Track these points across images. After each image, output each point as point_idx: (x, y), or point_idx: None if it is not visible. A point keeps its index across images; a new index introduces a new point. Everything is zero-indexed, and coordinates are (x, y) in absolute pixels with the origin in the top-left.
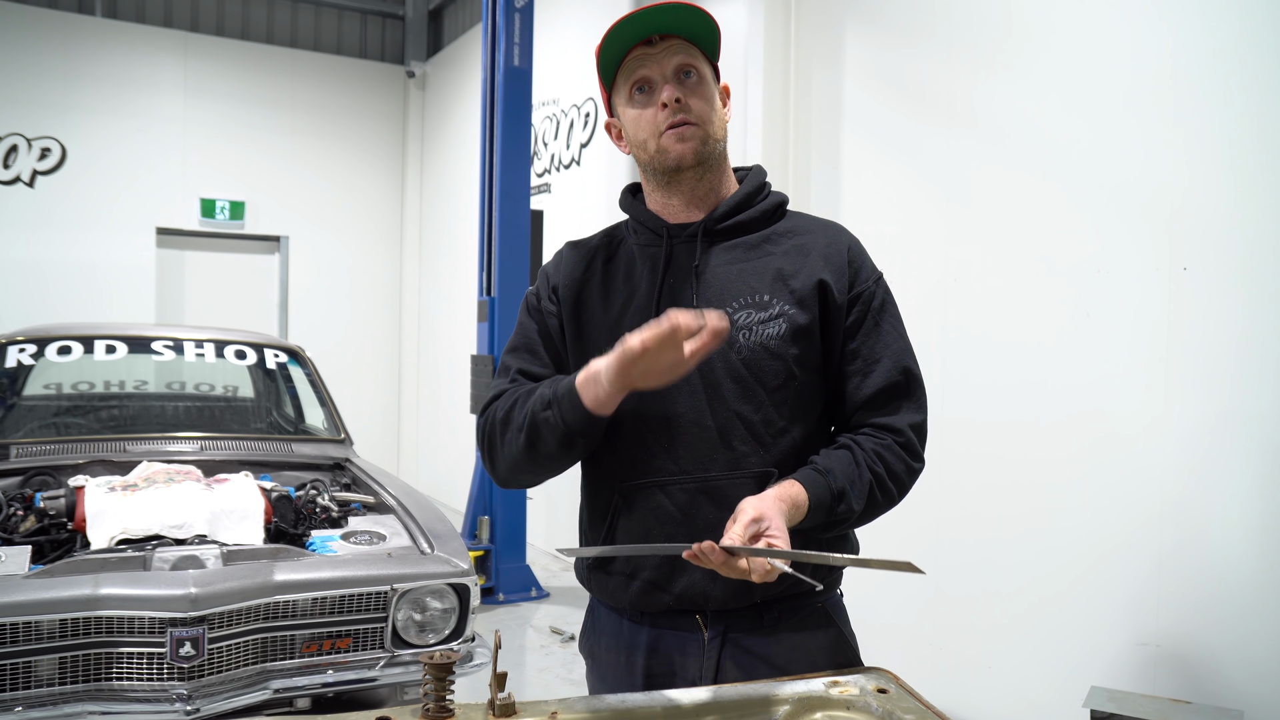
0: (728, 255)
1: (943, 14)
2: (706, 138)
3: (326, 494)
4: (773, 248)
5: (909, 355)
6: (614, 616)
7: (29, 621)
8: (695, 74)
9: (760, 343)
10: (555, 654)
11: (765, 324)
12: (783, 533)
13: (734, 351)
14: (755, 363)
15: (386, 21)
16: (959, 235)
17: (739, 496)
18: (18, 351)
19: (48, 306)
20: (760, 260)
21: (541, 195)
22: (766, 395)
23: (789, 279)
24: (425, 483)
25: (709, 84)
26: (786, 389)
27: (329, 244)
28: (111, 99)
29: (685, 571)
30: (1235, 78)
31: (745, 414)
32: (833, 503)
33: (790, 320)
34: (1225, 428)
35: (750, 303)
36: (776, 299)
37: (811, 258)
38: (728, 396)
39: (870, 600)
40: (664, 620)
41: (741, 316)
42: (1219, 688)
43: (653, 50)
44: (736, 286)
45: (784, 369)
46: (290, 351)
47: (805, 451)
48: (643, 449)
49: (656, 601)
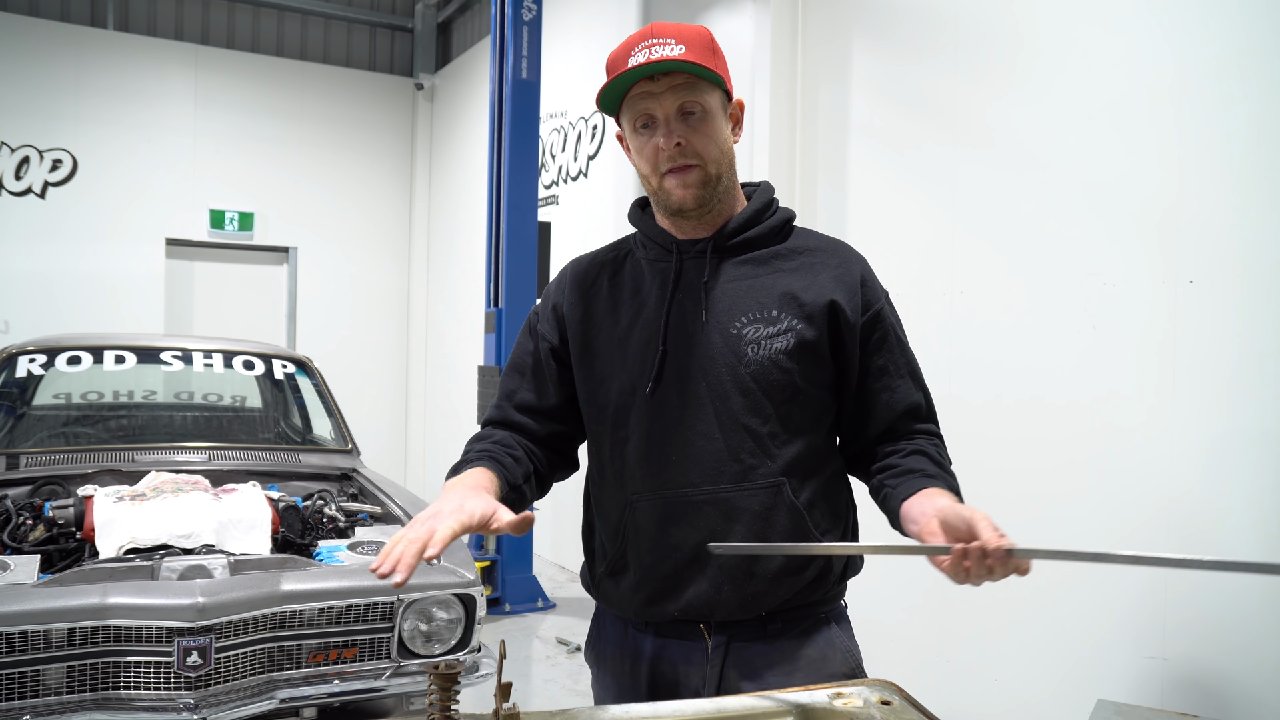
0: (737, 271)
1: (949, 27)
2: (707, 178)
3: (333, 504)
4: (783, 264)
5: (920, 374)
6: (619, 625)
7: (37, 630)
8: (700, 109)
9: (769, 357)
10: (561, 665)
11: (774, 338)
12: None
13: (742, 365)
14: (763, 376)
15: (395, 34)
16: (965, 247)
17: (746, 508)
18: (28, 361)
19: (57, 317)
20: (770, 276)
21: (549, 207)
22: (774, 409)
23: (799, 295)
24: (432, 493)
25: (713, 117)
26: (793, 403)
27: (337, 255)
28: (122, 111)
29: (692, 582)
30: (1240, 90)
31: (753, 427)
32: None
33: (798, 335)
34: (1232, 441)
35: (759, 318)
36: (785, 314)
37: (823, 277)
38: (736, 410)
39: (875, 612)
40: (669, 629)
41: (750, 331)
42: (1227, 702)
43: (655, 88)
44: (745, 302)
45: (790, 383)
46: (298, 362)
47: (809, 464)
48: (652, 461)
49: (662, 612)
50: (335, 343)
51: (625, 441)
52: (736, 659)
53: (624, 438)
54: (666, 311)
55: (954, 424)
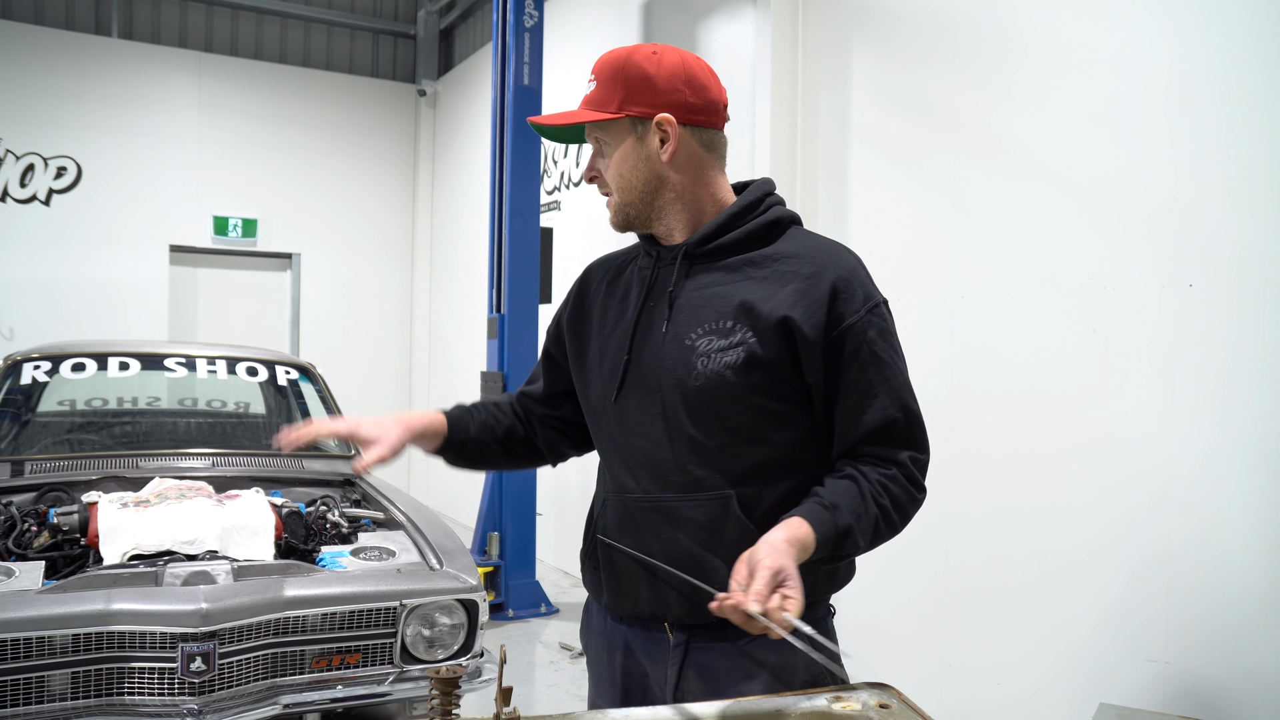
0: (708, 279)
1: (949, 32)
2: (618, 205)
3: (336, 510)
4: (755, 272)
5: (907, 391)
6: (601, 613)
7: (42, 637)
8: (602, 143)
9: (716, 371)
10: (564, 670)
11: (724, 352)
12: (798, 583)
13: (691, 377)
14: (709, 389)
15: (398, 41)
16: (966, 252)
17: (693, 518)
18: (32, 368)
19: (62, 324)
20: (734, 285)
21: (551, 213)
22: (723, 422)
23: (756, 308)
24: (435, 499)
25: (616, 149)
26: (744, 415)
27: (340, 261)
28: (127, 118)
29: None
30: (1240, 94)
31: (699, 439)
32: (839, 539)
33: (749, 350)
34: (1233, 445)
35: (714, 329)
36: (740, 327)
37: (786, 290)
38: (683, 421)
39: (878, 617)
40: (636, 622)
41: (703, 343)
42: (1229, 706)
43: None
44: (704, 312)
45: (739, 397)
46: (301, 368)
47: (769, 475)
48: (614, 467)
49: (624, 605)
50: (338, 349)
51: (600, 442)
52: (695, 660)
53: (600, 439)
54: (635, 319)
55: (952, 429)
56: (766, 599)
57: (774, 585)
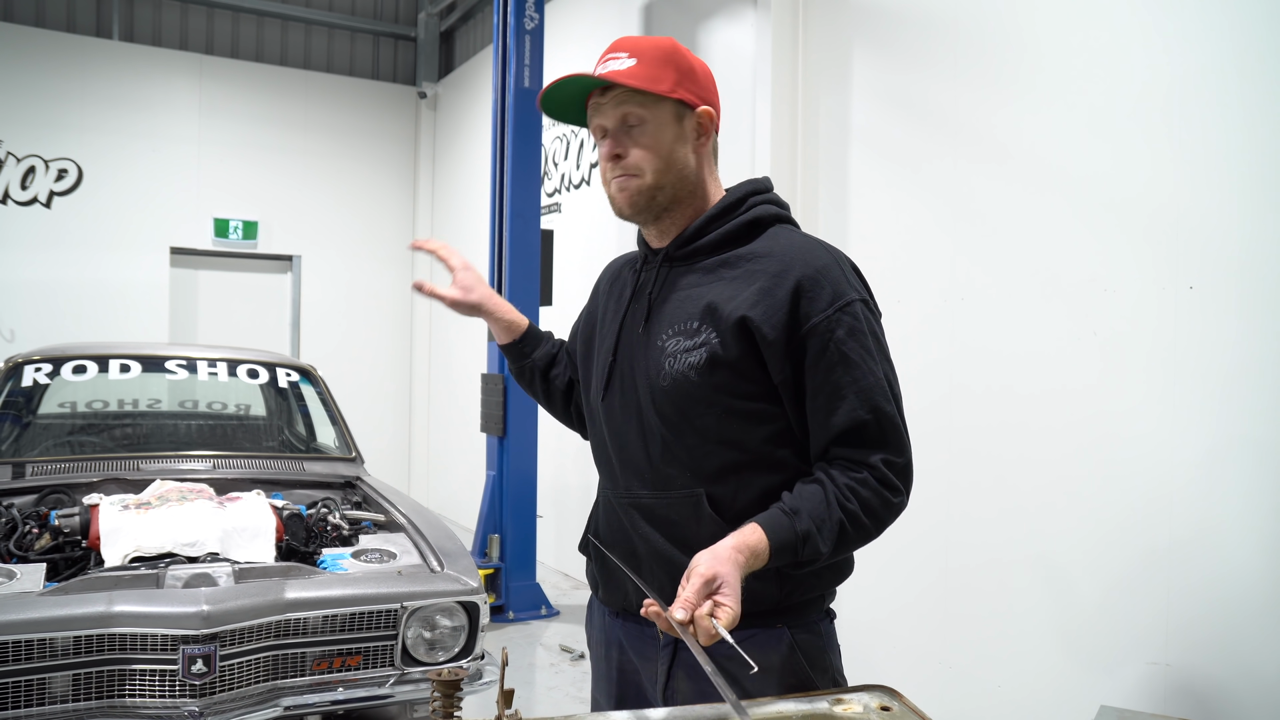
0: (687, 280)
1: (949, 35)
2: (645, 188)
3: (337, 512)
4: (728, 272)
5: (879, 392)
6: (600, 609)
7: (43, 639)
8: (642, 121)
9: (680, 371)
10: (565, 672)
11: (688, 353)
12: (735, 591)
13: (659, 378)
14: (675, 390)
15: (399, 43)
16: (966, 254)
17: (666, 516)
18: (33, 371)
19: (63, 326)
20: (706, 287)
21: (552, 215)
22: (691, 422)
23: (720, 308)
24: (436, 501)
25: (657, 129)
26: (710, 415)
27: (341, 263)
28: (127, 121)
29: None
30: (1240, 97)
31: (669, 439)
32: (798, 544)
33: (711, 350)
34: (1234, 447)
35: (682, 330)
36: (705, 327)
37: (750, 289)
38: (653, 422)
39: (879, 618)
40: (630, 619)
41: (671, 344)
42: (1229, 708)
43: (604, 100)
44: (676, 313)
45: (706, 397)
46: (302, 370)
47: (743, 472)
48: (602, 463)
49: (615, 599)
50: (339, 350)
51: (593, 439)
52: (684, 660)
53: (593, 436)
54: (620, 321)
55: (952, 430)
56: (695, 606)
57: (706, 593)
